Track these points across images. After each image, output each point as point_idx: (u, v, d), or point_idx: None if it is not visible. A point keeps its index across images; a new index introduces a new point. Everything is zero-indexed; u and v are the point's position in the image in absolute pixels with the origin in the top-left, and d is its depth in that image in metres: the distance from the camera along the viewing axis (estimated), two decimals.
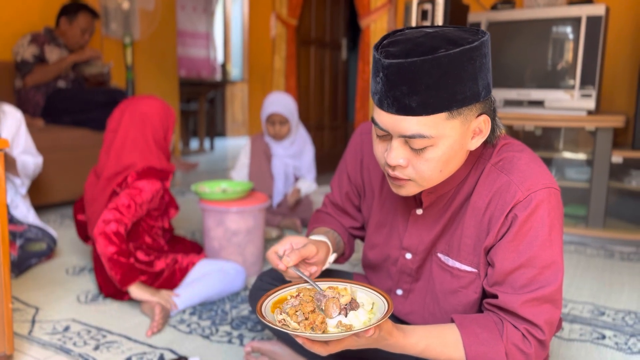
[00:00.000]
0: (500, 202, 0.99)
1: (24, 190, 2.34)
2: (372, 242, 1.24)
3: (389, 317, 1.06)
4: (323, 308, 0.93)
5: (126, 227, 1.82)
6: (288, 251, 1.06)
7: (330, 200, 1.35)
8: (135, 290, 1.79)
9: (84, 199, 2.08)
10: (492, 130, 1.01)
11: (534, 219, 0.95)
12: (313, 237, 1.17)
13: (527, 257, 0.95)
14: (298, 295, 0.98)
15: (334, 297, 0.94)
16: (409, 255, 1.15)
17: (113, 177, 1.91)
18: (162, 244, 2.01)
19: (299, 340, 0.91)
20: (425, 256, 1.13)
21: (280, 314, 0.93)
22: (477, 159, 1.04)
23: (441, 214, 1.09)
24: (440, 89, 0.88)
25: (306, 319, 0.90)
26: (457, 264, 1.07)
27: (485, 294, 1.06)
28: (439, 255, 1.10)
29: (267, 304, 0.97)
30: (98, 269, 1.96)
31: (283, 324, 0.91)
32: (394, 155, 0.94)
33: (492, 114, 0.98)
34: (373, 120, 0.97)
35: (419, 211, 1.11)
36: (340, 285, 1.01)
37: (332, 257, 1.19)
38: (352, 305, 0.94)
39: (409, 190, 1.00)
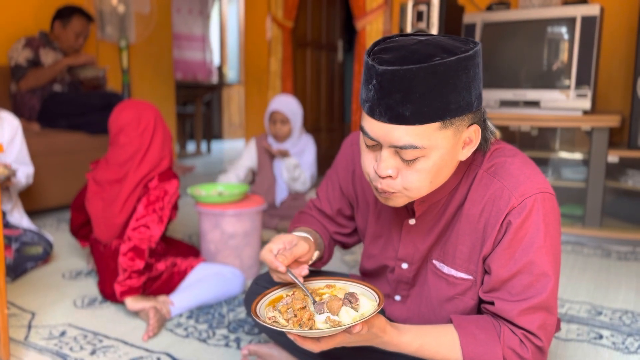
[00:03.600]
0: (494, 209, 0.97)
1: (9, 206, 2.33)
2: (369, 252, 1.23)
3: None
4: (327, 310, 0.93)
5: (155, 243, 1.86)
6: (282, 250, 1.05)
7: (317, 206, 1.34)
8: (131, 302, 1.78)
9: (86, 193, 2.07)
10: (485, 139, 1.00)
11: (529, 225, 0.94)
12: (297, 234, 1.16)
13: (523, 263, 0.94)
14: (293, 294, 0.99)
15: (331, 298, 0.94)
16: (405, 265, 1.15)
17: (138, 182, 1.93)
18: (162, 246, 2.01)
19: (291, 337, 0.91)
20: (420, 264, 1.13)
21: (273, 311, 0.94)
22: (468, 166, 1.03)
23: (434, 222, 1.07)
24: (434, 98, 0.86)
25: (295, 316, 0.91)
26: (453, 272, 1.06)
27: (481, 300, 1.06)
28: (434, 262, 1.10)
29: (263, 303, 0.98)
30: (101, 269, 1.95)
31: (274, 321, 0.91)
32: (384, 165, 0.92)
33: (482, 123, 0.97)
34: (362, 130, 0.94)
35: (412, 221, 1.10)
36: (338, 283, 1.02)
37: (316, 254, 1.17)
38: (352, 297, 0.94)
39: (397, 201, 0.98)
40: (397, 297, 1.19)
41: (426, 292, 1.12)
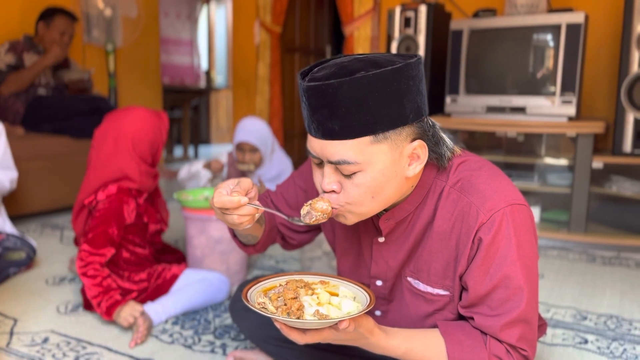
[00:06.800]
0: (464, 225, 0.97)
1: None
2: (341, 268, 1.23)
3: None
4: (314, 211, 0.94)
5: (106, 260, 1.78)
6: (232, 189, 0.97)
7: (271, 198, 1.30)
8: (121, 316, 1.71)
9: None
10: (440, 155, 0.99)
11: (500, 240, 0.93)
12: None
13: (498, 278, 0.94)
14: (286, 284, 0.99)
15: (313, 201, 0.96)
16: (379, 282, 1.15)
17: (87, 195, 1.88)
18: (141, 257, 1.96)
19: (277, 325, 0.91)
20: (395, 281, 1.13)
21: (263, 297, 0.95)
22: (432, 181, 1.02)
23: (404, 239, 1.07)
24: (361, 112, 0.87)
25: (285, 304, 0.91)
26: (429, 289, 1.06)
27: (461, 315, 1.05)
28: (409, 279, 1.09)
29: (255, 290, 0.99)
30: None
31: (262, 307, 0.92)
32: (327, 181, 0.94)
33: (430, 139, 0.96)
34: (307, 148, 0.97)
35: (381, 239, 1.10)
36: (332, 280, 1.03)
37: (256, 201, 1.04)
38: None
39: (348, 218, 0.98)
40: (378, 312, 1.19)
41: (405, 309, 1.12)
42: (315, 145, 0.93)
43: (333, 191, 0.95)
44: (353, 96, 0.86)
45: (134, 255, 1.93)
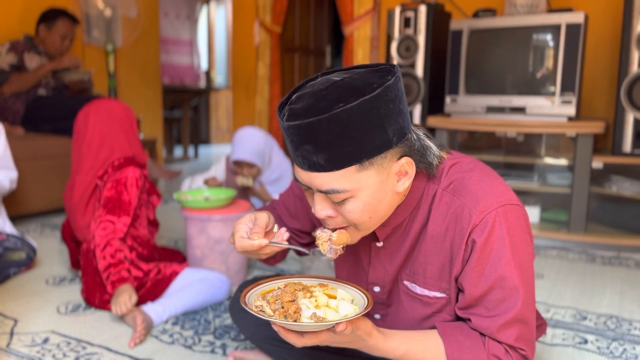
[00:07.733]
0: (457, 227, 0.97)
1: None
2: (339, 273, 1.24)
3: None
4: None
5: (125, 232, 1.88)
6: (250, 229, 1.04)
7: (276, 209, 1.32)
8: (119, 300, 1.73)
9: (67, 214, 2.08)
10: (429, 164, 0.99)
11: (493, 241, 0.93)
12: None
13: (493, 279, 0.94)
14: (285, 287, 0.99)
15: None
16: (377, 289, 1.15)
17: (92, 171, 1.95)
18: (146, 235, 2.01)
19: (275, 328, 0.92)
20: (392, 286, 1.13)
21: (261, 300, 0.96)
22: (425, 185, 1.02)
23: (400, 243, 1.07)
24: (344, 144, 0.87)
25: (282, 307, 0.92)
26: (426, 292, 1.06)
27: (458, 317, 1.05)
28: (405, 282, 1.10)
29: (253, 293, 0.99)
30: (85, 273, 1.93)
31: (260, 310, 0.92)
32: (319, 208, 0.95)
33: (417, 153, 0.96)
34: (294, 176, 0.97)
35: (379, 244, 1.10)
36: (331, 283, 1.03)
37: (276, 227, 1.11)
38: None
39: (353, 236, 0.99)
40: (377, 316, 1.19)
41: (402, 313, 1.12)
42: (303, 176, 0.94)
43: (329, 217, 0.96)
44: (334, 130, 0.86)
45: (139, 232, 1.98)
